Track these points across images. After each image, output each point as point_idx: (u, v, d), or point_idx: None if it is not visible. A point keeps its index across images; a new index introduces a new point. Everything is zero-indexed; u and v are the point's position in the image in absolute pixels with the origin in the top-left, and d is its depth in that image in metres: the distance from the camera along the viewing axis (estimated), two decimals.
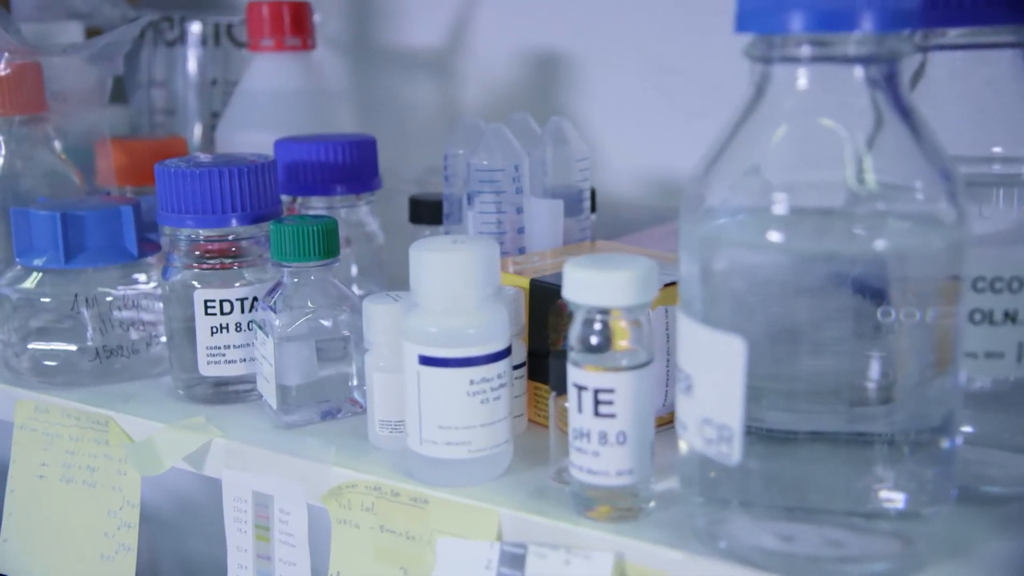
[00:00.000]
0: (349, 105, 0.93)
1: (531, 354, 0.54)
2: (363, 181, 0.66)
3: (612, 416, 0.43)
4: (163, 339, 0.63)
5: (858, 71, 0.39)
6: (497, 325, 0.47)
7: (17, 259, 0.62)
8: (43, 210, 0.61)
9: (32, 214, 0.61)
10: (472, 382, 0.47)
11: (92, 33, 0.88)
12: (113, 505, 0.58)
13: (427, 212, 0.67)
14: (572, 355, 0.44)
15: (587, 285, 0.43)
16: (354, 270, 0.69)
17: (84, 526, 0.58)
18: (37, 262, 0.61)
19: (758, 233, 0.38)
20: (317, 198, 0.66)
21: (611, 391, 0.43)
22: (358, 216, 0.67)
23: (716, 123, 0.84)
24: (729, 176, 0.40)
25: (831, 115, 0.39)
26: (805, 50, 0.39)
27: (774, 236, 0.38)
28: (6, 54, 0.64)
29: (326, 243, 0.55)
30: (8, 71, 0.65)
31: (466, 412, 0.47)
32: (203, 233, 0.58)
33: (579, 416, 0.44)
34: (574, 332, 0.44)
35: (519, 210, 0.60)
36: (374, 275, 0.68)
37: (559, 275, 0.54)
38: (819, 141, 0.39)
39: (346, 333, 0.56)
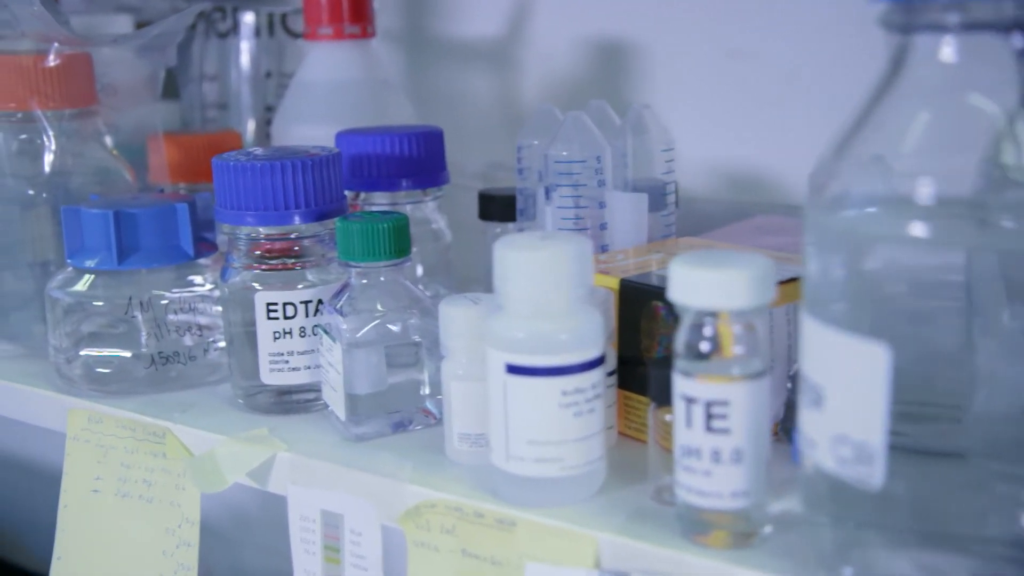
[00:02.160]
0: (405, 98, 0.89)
1: (621, 361, 0.49)
2: (430, 175, 0.62)
3: (726, 432, 0.39)
4: (221, 344, 0.60)
5: (1015, 40, 0.34)
6: (591, 330, 0.43)
7: (68, 260, 0.59)
8: (95, 208, 0.58)
9: (84, 213, 0.58)
10: (564, 393, 0.42)
11: (142, 26, 0.84)
12: (171, 523, 0.54)
13: (498, 208, 0.63)
14: (680, 364, 0.40)
15: (699, 286, 0.39)
16: (419, 270, 0.65)
17: (141, 544, 0.55)
18: (89, 263, 0.58)
19: (902, 225, 0.34)
20: (380, 194, 0.62)
21: (725, 404, 0.39)
22: (424, 213, 0.63)
23: (793, 111, 0.79)
24: (862, 161, 0.36)
25: (979, 91, 0.35)
26: (952, 17, 0.34)
27: (921, 229, 0.34)
28: (56, 44, 0.61)
29: (396, 242, 0.51)
30: (58, 62, 0.61)
31: (558, 426, 0.43)
32: (264, 231, 0.54)
33: (688, 431, 0.40)
34: (681, 338, 0.40)
35: (601, 205, 0.56)
36: (441, 276, 0.64)
37: (650, 275, 0.50)
38: (965, 121, 0.35)
39: (417, 338, 0.52)
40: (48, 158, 0.62)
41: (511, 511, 0.44)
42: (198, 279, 0.60)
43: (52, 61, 0.61)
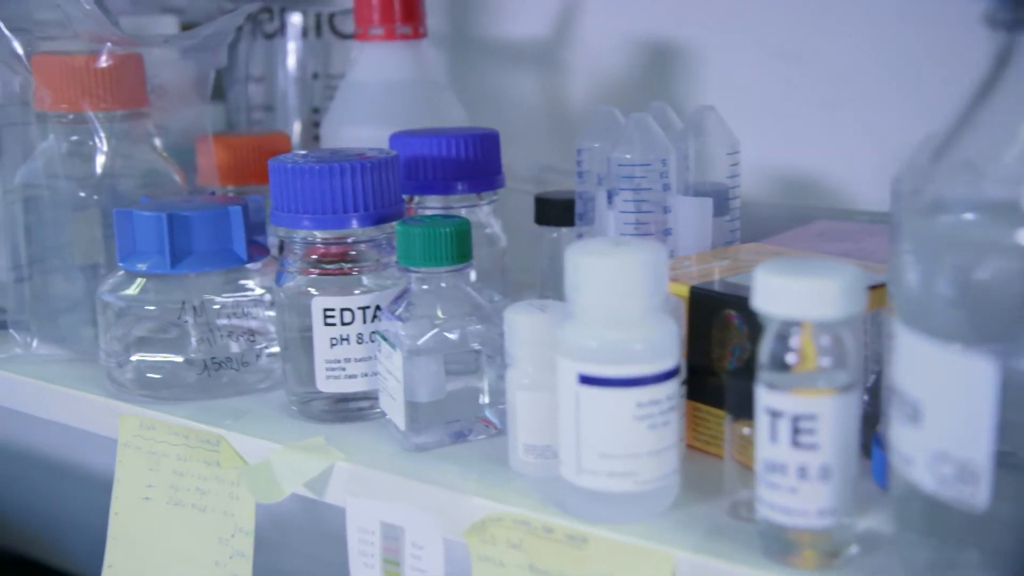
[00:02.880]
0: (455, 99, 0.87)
1: (690, 371, 0.48)
2: (486, 178, 0.60)
3: (814, 447, 0.37)
4: (271, 350, 0.59)
5: None
6: (667, 339, 0.41)
7: (120, 264, 0.58)
8: (147, 211, 0.57)
9: (136, 215, 0.57)
10: (639, 404, 0.41)
11: (188, 28, 0.83)
12: (224, 532, 0.53)
13: (555, 212, 0.61)
14: (764, 375, 0.38)
15: (786, 294, 0.37)
16: (472, 275, 0.63)
17: (193, 554, 0.54)
18: (141, 267, 0.57)
19: (1016, 233, 0.32)
20: (433, 197, 0.60)
21: (813, 418, 0.37)
22: (479, 217, 0.62)
23: (848, 113, 0.77)
24: (964, 163, 0.34)
25: None
26: None
27: None
28: (108, 44, 0.60)
29: (458, 247, 0.50)
30: (110, 63, 0.60)
31: (632, 438, 0.41)
32: (320, 235, 0.53)
33: (772, 446, 0.38)
34: (765, 349, 0.38)
35: (666, 209, 0.54)
36: (496, 281, 0.63)
37: (720, 282, 0.49)
38: None
39: (476, 346, 0.50)
40: (99, 160, 0.61)
41: (582, 526, 0.42)
42: (249, 283, 0.59)
43: (104, 62, 0.60)
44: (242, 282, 0.59)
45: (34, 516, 1.17)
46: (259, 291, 0.59)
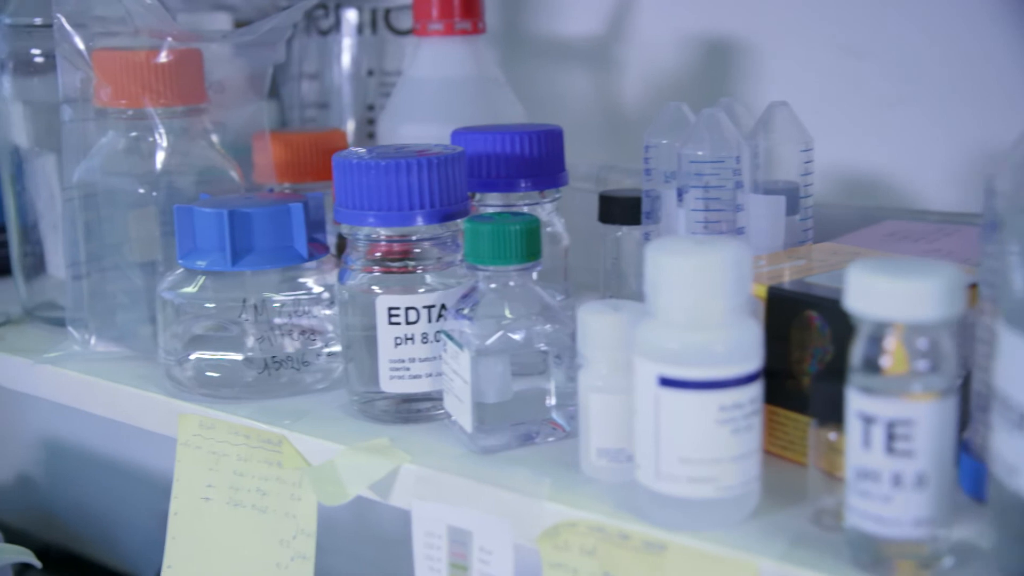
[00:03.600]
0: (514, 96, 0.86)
1: (767, 373, 0.46)
2: (550, 176, 0.59)
3: (909, 454, 0.36)
4: (329, 350, 0.58)
5: None
6: (750, 340, 0.40)
7: (180, 261, 0.57)
8: (208, 208, 0.56)
9: (196, 212, 0.56)
10: (722, 408, 0.40)
11: (241, 25, 0.83)
12: (286, 534, 0.52)
13: (621, 210, 0.60)
14: (856, 379, 0.37)
15: (884, 294, 0.35)
16: (533, 274, 0.62)
17: (253, 555, 0.53)
18: (201, 264, 0.56)
19: None
20: (494, 194, 0.59)
21: (910, 423, 0.35)
22: (541, 215, 0.61)
23: (917, 111, 0.75)
24: None
25: None
26: None
27: None
28: (169, 40, 0.59)
29: (528, 245, 0.48)
30: (170, 59, 0.60)
31: (714, 443, 0.40)
32: (384, 232, 0.52)
33: (864, 453, 0.36)
34: (858, 351, 0.37)
35: (739, 208, 0.53)
36: (558, 281, 0.62)
37: (798, 282, 0.47)
38: None
39: (544, 347, 0.49)
40: (159, 156, 0.61)
41: (660, 533, 0.41)
42: (307, 281, 0.58)
43: (164, 57, 0.60)
44: (300, 280, 0.58)
45: (87, 514, 1.18)
46: (317, 289, 0.58)
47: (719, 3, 0.81)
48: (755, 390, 0.40)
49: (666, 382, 0.40)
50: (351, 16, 0.79)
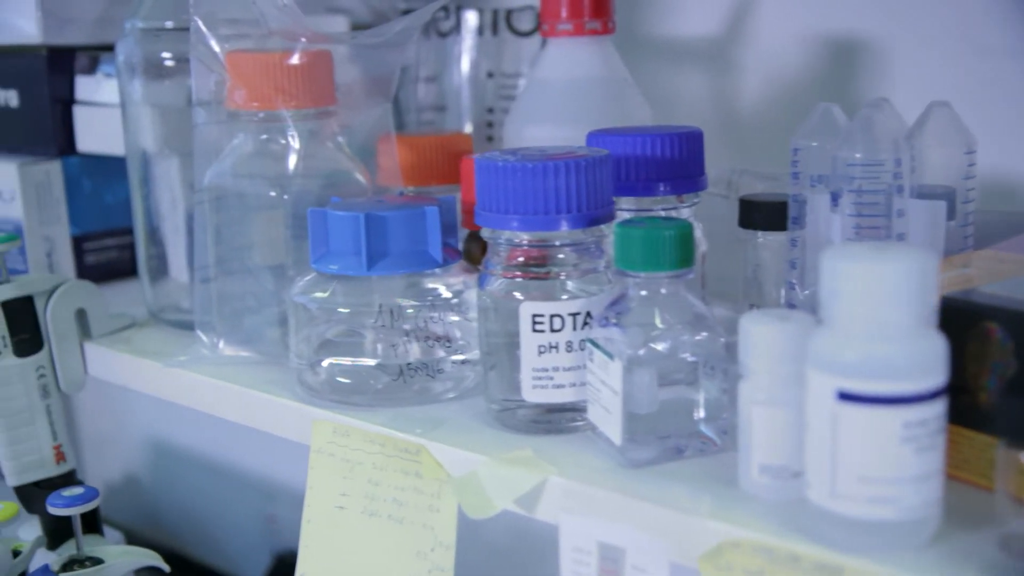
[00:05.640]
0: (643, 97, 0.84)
1: None
2: (689, 180, 0.57)
3: None
4: (461, 357, 0.56)
5: None
6: (935, 354, 0.38)
7: (312, 264, 0.56)
8: (342, 211, 0.55)
9: (331, 215, 0.55)
10: (907, 425, 0.37)
11: (357, 28, 0.82)
12: (423, 546, 0.51)
13: (764, 215, 0.58)
14: None
15: None
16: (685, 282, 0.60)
17: (390, 566, 0.52)
18: (334, 268, 0.55)
19: None
20: (628, 198, 0.57)
21: None
22: None
23: None
24: None
25: None
26: None
27: None
28: (303, 41, 0.59)
29: (680, 251, 0.47)
30: (302, 60, 0.59)
31: (897, 462, 0.37)
32: (526, 237, 0.50)
33: None
34: None
35: (899, 213, 0.50)
36: (696, 289, 0.59)
37: (974, 292, 0.45)
38: None
39: (691, 357, 0.47)
40: (291, 159, 0.60)
41: (835, 556, 0.39)
42: (437, 286, 0.57)
43: (297, 59, 0.59)
44: (429, 285, 0.57)
45: (192, 515, 1.19)
46: (447, 294, 0.57)
47: (843, 2, 0.78)
48: (940, 406, 0.38)
49: (845, 396, 0.38)
50: (471, 18, 0.78)
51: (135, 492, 1.23)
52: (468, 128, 0.79)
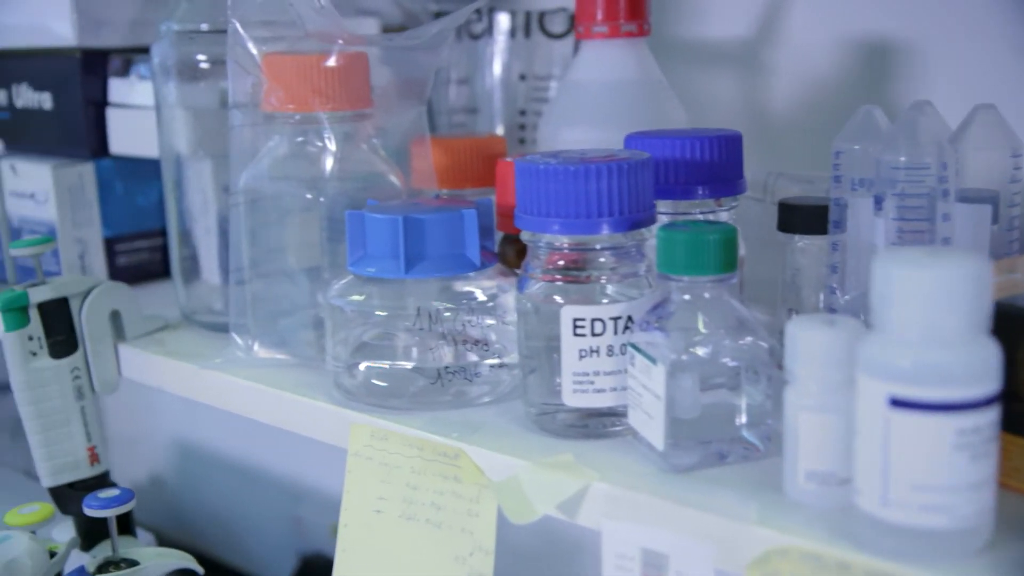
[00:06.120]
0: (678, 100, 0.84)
1: None
2: (728, 183, 0.57)
3: None
4: (496, 361, 0.56)
5: None
6: (989, 360, 0.37)
7: (349, 267, 0.56)
8: (381, 214, 0.55)
9: (368, 218, 0.55)
10: (961, 432, 0.37)
11: (387, 30, 0.82)
12: (462, 550, 0.51)
13: (804, 219, 0.57)
14: None
15: None
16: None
17: (427, 571, 0.52)
18: (371, 271, 0.55)
19: None
20: (665, 202, 0.57)
21: None
22: None
23: None
24: None
25: None
26: None
27: None
28: (340, 43, 0.59)
29: (725, 255, 0.46)
30: (339, 63, 0.59)
31: (951, 469, 0.37)
32: (567, 240, 0.50)
33: None
34: None
35: (945, 217, 0.50)
36: (736, 292, 0.59)
37: (1022, 297, 0.44)
38: None
39: (732, 362, 0.47)
40: (327, 161, 0.60)
41: (886, 564, 0.38)
42: (474, 290, 0.57)
43: (334, 61, 0.59)
44: (464, 288, 0.56)
45: (217, 517, 1.19)
46: (482, 298, 0.56)
47: (876, 3, 0.77)
48: (994, 413, 0.37)
49: (898, 403, 0.37)
50: (503, 20, 0.78)
51: (161, 493, 1.23)
52: (499, 130, 0.79)
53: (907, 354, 0.37)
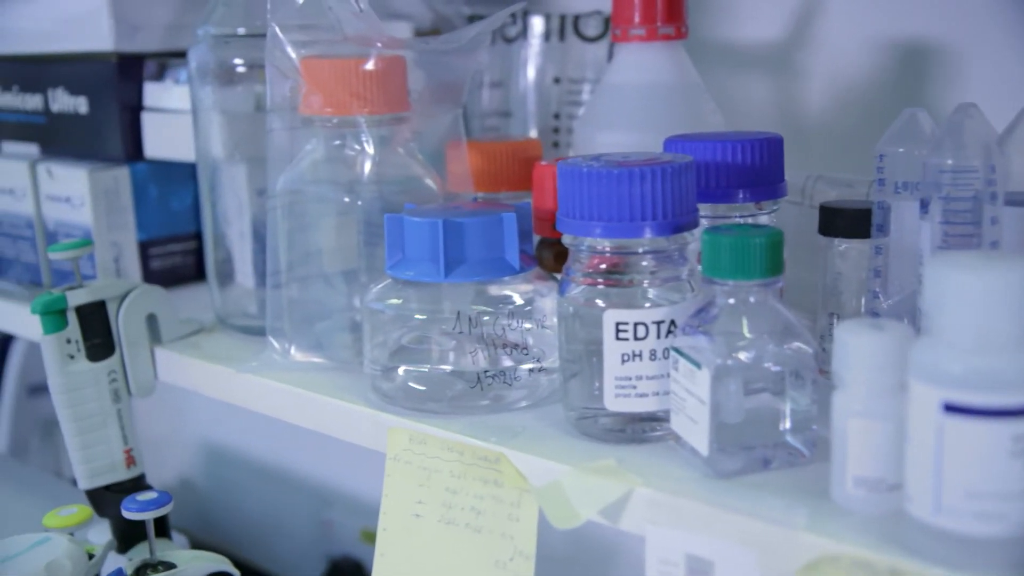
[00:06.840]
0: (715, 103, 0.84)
1: None
2: (769, 186, 0.56)
3: None
4: (534, 365, 0.56)
5: None
6: None
7: (387, 271, 0.56)
8: (420, 217, 0.55)
9: (407, 221, 0.55)
10: (1017, 438, 0.36)
11: (420, 34, 0.82)
12: (503, 555, 0.50)
13: (846, 222, 0.57)
14: None
15: None
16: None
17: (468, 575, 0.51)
18: (410, 274, 0.55)
19: None
20: (705, 205, 0.56)
21: None
22: None
23: None
24: None
25: None
26: None
27: None
28: (378, 46, 0.59)
29: (770, 259, 0.46)
30: (378, 66, 0.59)
31: (1007, 476, 0.36)
32: (609, 244, 0.50)
33: None
34: None
35: (993, 220, 0.49)
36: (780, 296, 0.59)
37: None
38: None
39: (775, 367, 0.46)
40: (365, 165, 0.60)
41: (939, 572, 0.38)
42: (512, 293, 0.56)
43: (372, 65, 0.59)
44: (502, 292, 0.56)
45: (246, 519, 1.19)
46: (520, 302, 0.56)
47: (916, 4, 0.77)
48: None
49: (951, 409, 0.37)
50: (537, 23, 0.78)
51: (190, 496, 1.24)
52: (533, 134, 0.79)
53: (961, 359, 0.37)
